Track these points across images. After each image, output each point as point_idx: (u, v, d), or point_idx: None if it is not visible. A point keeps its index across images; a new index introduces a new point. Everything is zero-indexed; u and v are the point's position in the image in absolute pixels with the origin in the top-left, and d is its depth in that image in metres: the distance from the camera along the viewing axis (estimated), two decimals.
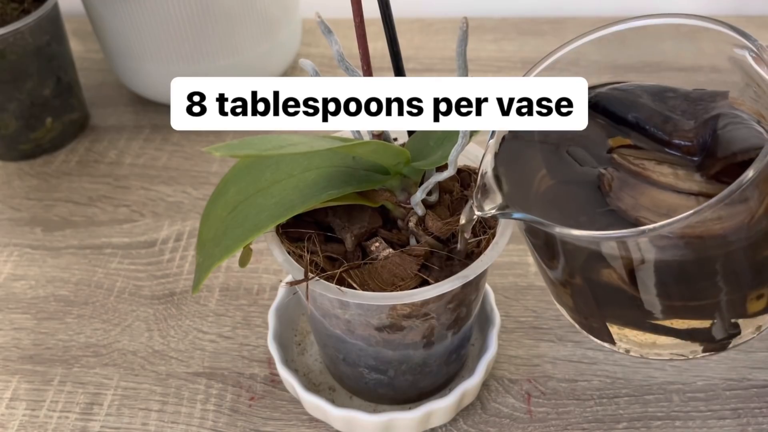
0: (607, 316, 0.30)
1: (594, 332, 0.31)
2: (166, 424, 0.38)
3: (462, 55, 0.25)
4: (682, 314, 0.29)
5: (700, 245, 0.26)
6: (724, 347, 0.30)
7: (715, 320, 0.29)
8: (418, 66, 0.64)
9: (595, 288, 0.29)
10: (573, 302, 0.31)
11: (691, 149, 0.28)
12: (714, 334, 0.29)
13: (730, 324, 0.29)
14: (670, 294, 0.28)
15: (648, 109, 0.30)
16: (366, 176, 0.30)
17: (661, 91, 0.30)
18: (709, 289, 0.28)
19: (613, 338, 0.30)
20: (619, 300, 0.29)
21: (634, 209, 0.27)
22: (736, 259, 0.27)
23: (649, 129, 0.29)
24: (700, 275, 0.27)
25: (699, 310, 0.29)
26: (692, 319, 0.29)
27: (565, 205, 0.28)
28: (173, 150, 0.56)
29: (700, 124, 0.28)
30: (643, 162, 0.28)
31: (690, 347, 0.30)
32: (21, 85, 0.52)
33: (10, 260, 0.47)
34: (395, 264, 0.30)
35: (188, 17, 0.52)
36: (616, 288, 0.28)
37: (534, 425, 0.37)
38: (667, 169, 0.28)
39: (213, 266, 0.28)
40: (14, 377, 0.40)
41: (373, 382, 0.35)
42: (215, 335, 0.42)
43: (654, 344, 0.30)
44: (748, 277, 0.28)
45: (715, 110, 0.29)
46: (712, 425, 0.36)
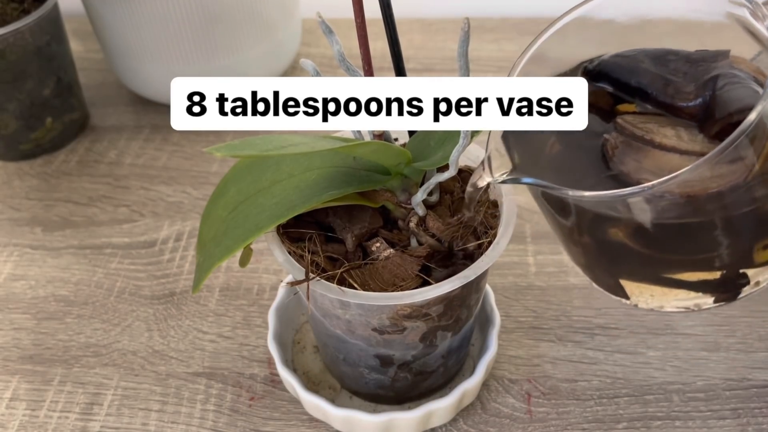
0: (619, 273, 0.31)
1: (608, 288, 0.32)
2: (166, 424, 0.38)
3: (464, 55, 0.25)
4: (689, 268, 0.30)
5: (700, 203, 0.27)
6: (734, 297, 0.30)
7: (724, 272, 0.29)
8: (418, 66, 0.64)
9: (605, 247, 0.30)
10: (586, 260, 0.32)
11: (692, 111, 0.29)
12: (723, 285, 0.30)
13: (739, 275, 0.30)
14: (675, 249, 0.29)
15: (650, 74, 0.30)
16: (367, 176, 0.30)
17: (663, 54, 0.30)
18: (714, 244, 0.29)
19: (627, 293, 0.31)
20: (628, 257, 0.30)
21: (637, 172, 0.27)
22: (737, 215, 0.28)
23: (651, 93, 0.30)
24: (703, 231, 0.28)
25: (706, 263, 0.29)
26: (700, 271, 0.30)
27: (572, 170, 0.29)
28: (173, 150, 0.56)
29: (700, 85, 0.29)
30: (647, 125, 0.29)
31: (701, 299, 0.30)
32: (21, 85, 0.52)
33: (10, 260, 0.47)
34: (396, 264, 0.30)
35: (188, 17, 0.52)
36: (623, 246, 0.29)
37: (534, 425, 0.37)
38: (671, 131, 0.28)
39: (213, 266, 0.28)
40: (14, 377, 0.40)
41: (373, 382, 0.35)
42: (215, 335, 0.42)
43: (666, 297, 0.31)
44: (752, 230, 0.29)
45: (715, 71, 0.29)
46: (712, 425, 0.36)
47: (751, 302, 0.42)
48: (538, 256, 0.45)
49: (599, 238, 0.30)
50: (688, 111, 0.29)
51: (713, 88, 0.29)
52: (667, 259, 0.30)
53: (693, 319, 0.41)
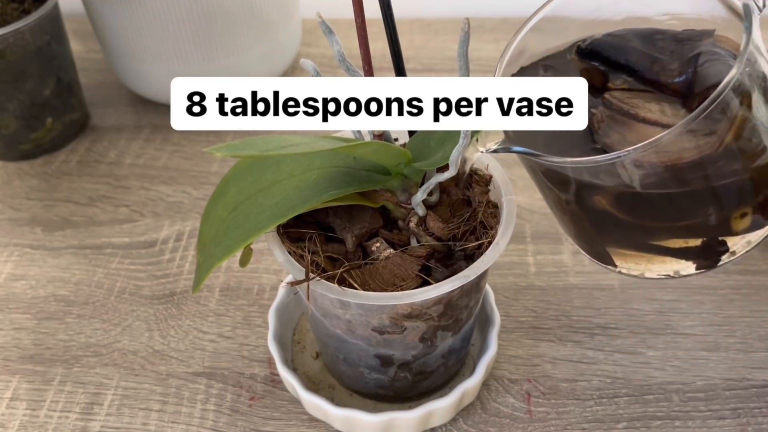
0: (605, 241, 0.32)
1: (596, 256, 0.33)
2: (166, 424, 0.38)
3: (464, 55, 0.25)
4: (671, 235, 0.31)
5: (677, 171, 0.28)
6: (714, 264, 0.32)
7: (704, 239, 0.31)
8: (418, 66, 0.64)
9: (591, 215, 0.31)
10: (575, 229, 0.33)
11: (676, 87, 0.30)
12: (704, 252, 0.32)
13: (718, 242, 0.31)
14: (656, 217, 0.31)
15: (637, 52, 0.32)
16: (367, 176, 0.30)
17: (651, 34, 0.32)
18: (692, 212, 0.30)
19: (613, 261, 0.32)
20: (612, 225, 0.31)
21: (620, 144, 0.29)
22: (713, 184, 0.29)
23: (639, 71, 0.31)
24: (682, 199, 0.30)
25: (686, 231, 0.31)
26: (681, 239, 0.31)
27: (561, 142, 0.30)
28: (173, 150, 0.56)
29: (684, 63, 0.30)
30: (633, 101, 0.30)
31: (683, 265, 0.32)
32: (21, 85, 0.52)
33: (10, 260, 0.47)
34: (396, 264, 0.30)
35: (188, 17, 0.52)
36: (608, 214, 0.30)
37: (534, 425, 0.37)
38: (655, 106, 0.30)
39: (213, 266, 0.28)
40: (14, 377, 0.40)
41: (373, 382, 0.35)
42: (215, 335, 0.42)
43: (649, 264, 0.32)
44: (728, 199, 0.30)
45: (698, 49, 0.31)
46: (711, 425, 0.36)
47: (751, 302, 0.42)
48: (538, 256, 0.46)
49: (585, 206, 0.31)
50: (673, 87, 0.30)
51: (695, 64, 0.30)
52: (649, 227, 0.31)
53: (693, 319, 0.41)
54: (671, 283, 0.43)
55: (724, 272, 0.44)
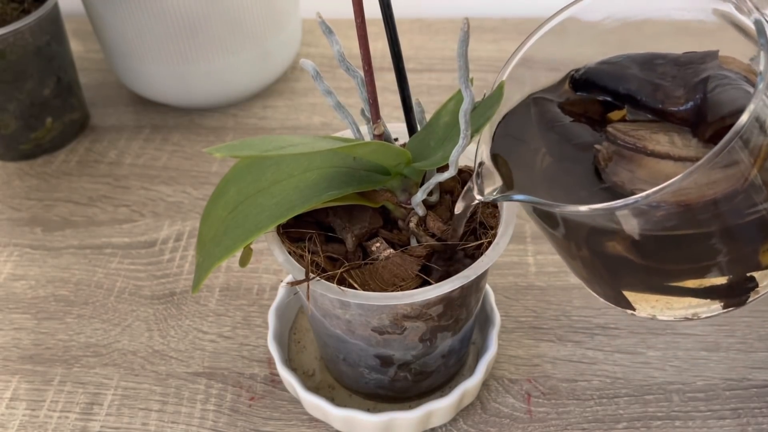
0: (621, 285, 0.30)
1: (612, 300, 0.31)
2: (166, 424, 0.38)
3: (463, 55, 0.25)
4: (694, 276, 0.29)
5: (698, 211, 0.26)
6: (743, 302, 0.29)
7: (730, 277, 0.29)
8: (418, 66, 0.64)
9: (604, 260, 0.29)
10: (587, 274, 0.31)
11: (684, 115, 0.28)
12: (731, 290, 0.29)
13: (746, 278, 0.29)
14: (677, 259, 0.28)
15: (637, 80, 0.29)
16: (367, 177, 0.30)
17: (650, 59, 0.30)
18: (716, 251, 0.28)
19: (631, 304, 0.30)
20: (628, 269, 0.29)
21: (631, 182, 0.27)
22: (739, 221, 0.27)
23: (641, 100, 0.29)
24: (703, 239, 0.27)
25: (710, 270, 0.28)
26: (706, 278, 0.29)
27: (565, 184, 0.28)
28: (173, 150, 0.56)
29: (690, 88, 0.28)
30: (639, 132, 0.28)
31: (710, 305, 0.30)
32: (21, 85, 0.52)
33: (10, 260, 0.47)
34: (396, 264, 0.30)
35: (188, 17, 0.52)
36: (623, 258, 0.28)
37: (534, 425, 0.37)
38: (663, 137, 0.28)
39: (213, 266, 0.28)
40: (14, 377, 0.40)
41: (373, 382, 0.35)
42: (215, 335, 0.42)
43: (672, 305, 0.30)
44: (755, 234, 0.28)
45: (704, 72, 0.28)
46: (712, 425, 0.36)
47: None
48: (538, 256, 0.45)
49: (598, 251, 0.29)
50: (680, 116, 0.28)
51: (704, 90, 0.28)
52: (670, 270, 0.29)
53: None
54: None
55: None
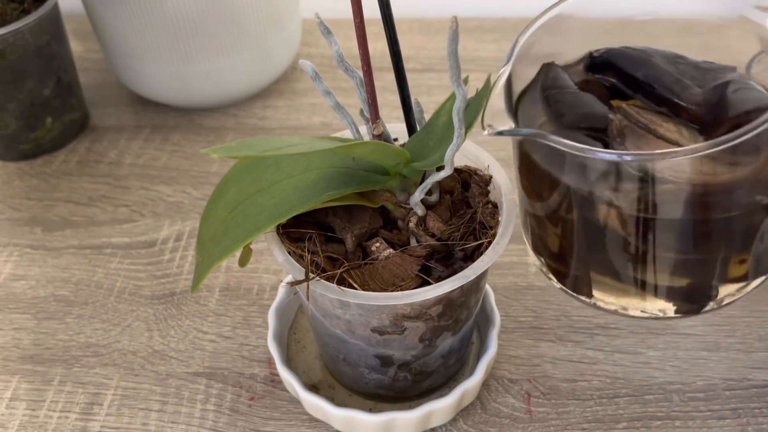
0: (593, 262, 0.31)
1: (573, 281, 0.32)
2: (166, 424, 0.38)
3: (453, 54, 0.25)
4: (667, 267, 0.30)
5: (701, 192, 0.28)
6: (698, 311, 0.31)
7: (697, 279, 0.30)
8: (417, 66, 0.64)
9: (590, 227, 0.30)
10: (560, 245, 0.32)
11: (697, 113, 0.29)
12: (692, 295, 0.31)
13: (710, 286, 0.31)
14: (662, 241, 0.29)
15: (660, 69, 0.30)
16: (366, 177, 0.30)
17: (672, 57, 0.31)
18: (700, 243, 0.29)
19: (591, 290, 0.31)
20: (607, 241, 0.30)
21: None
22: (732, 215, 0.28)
23: (657, 88, 0.30)
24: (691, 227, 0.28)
25: (684, 265, 0.30)
26: (676, 275, 0.30)
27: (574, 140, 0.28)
28: (173, 150, 0.56)
29: (710, 90, 0.29)
30: (649, 116, 0.29)
31: (664, 305, 0.31)
32: (21, 85, 0.52)
33: (10, 260, 0.47)
34: (396, 264, 0.30)
35: (188, 17, 0.52)
36: (610, 229, 0.29)
37: (534, 425, 0.37)
38: (673, 126, 0.29)
39: (213, 266, 0.28)
40: (14, 377, 0.40)
41: (373, 382, 0.35)
42: (215, 335, 0.42)
43: (628, 297, 0.31)
44: (738, 237, 0.29)
45: (726, 78, 0.29)
46: (712, 425, 0.36)
47: (751, 302, 0.42)
48: None
49: (588, 214, 0.29)
50: (693, 113, 0.29)
51: (724, 91, 0.29)
52: (647, 254, 0.29)
53: (693, 319, 0.41)
54: None
55: None
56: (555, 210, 0.31)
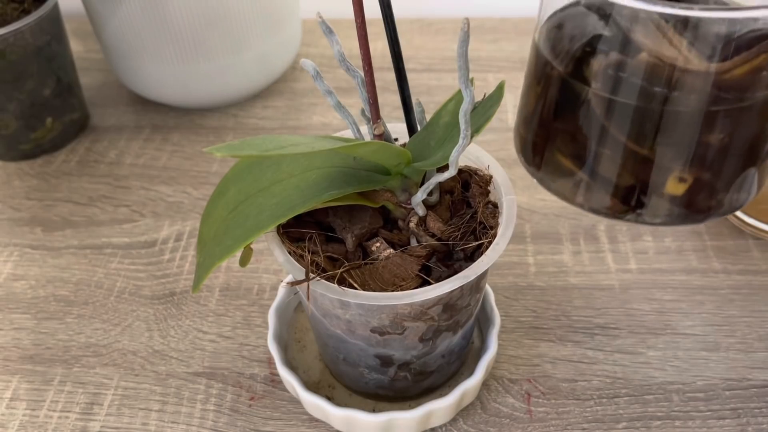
0: (556, 132, 0.32)
1: (531, 148, 0.33)
2: (166, 424, 0.38)
3: (463, 55, 0.25)
4: (618, 156, 0.31)
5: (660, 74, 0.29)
6: (623, 214, 0.33)
7: (635, 178, 0.32)
8: (418, 66, 0.64)
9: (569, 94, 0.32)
10: (534, 108, 0.33)
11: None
12: (626, 194, 0.32)
13: (644, 192, 0.32)
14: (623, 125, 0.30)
15: None
16: (367, 177, 0.30)
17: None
18: (651, 137, 0.30)
19: (542, 161, 0.33)
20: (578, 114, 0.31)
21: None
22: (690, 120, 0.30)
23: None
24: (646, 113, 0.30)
25: (632, 159, 0.31)
26: (621, 169, 0.32)
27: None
28: (173, 150, 0.56)
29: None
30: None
31: (598, 199, 0.33)
32: (21, 85, 0.52)
33: (10, 260, 0.47)
34: (396, 264, 0.30)
35: (188, 17, 0.52)
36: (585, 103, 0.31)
37: (534, 425, 0.37)
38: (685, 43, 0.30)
39: (213, 266, 0.28)
40: (14, 377, 0.40)
41: (373, 382, 0.35)
42: (215, 335, 0.42)
43: (573, 186, 0.33)
44: (684, 146, 0.30)
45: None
46: (712, 425, 0.36)
47: (751, 302, 0.42)
48: (538, 256, 0.46)
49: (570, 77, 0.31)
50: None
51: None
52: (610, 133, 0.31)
53: (693, 319, 0.41)
54: (671, 283, 0.43)
55: (724, 272, 0.44)
56: (540, 76, 0.33)
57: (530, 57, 0.35)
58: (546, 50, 0.33)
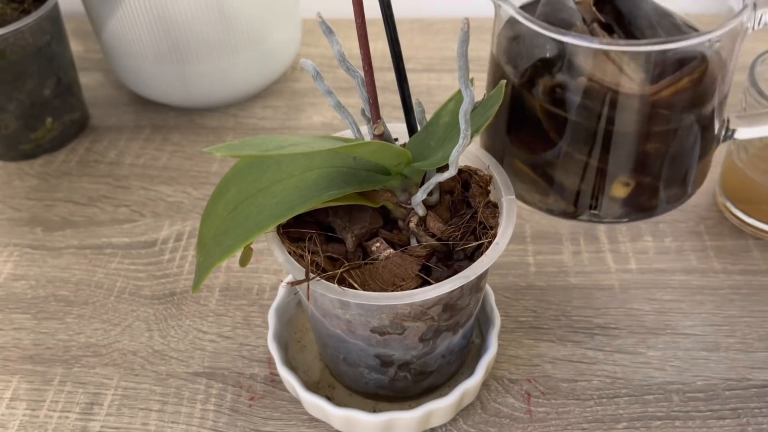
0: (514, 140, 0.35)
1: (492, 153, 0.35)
2: (166, 424, 0.38)
3: (463, 55, 0.25)
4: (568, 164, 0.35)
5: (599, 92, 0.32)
6: (575, 215, 0.36)
7: (586, 183, 0.35)
8: (418, 66, 0.64)
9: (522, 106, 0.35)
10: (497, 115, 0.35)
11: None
12: (576, 198, 0.36)
13: (593, 195, 0.35)
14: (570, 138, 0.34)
15: (643, 13, 0.35)
16: (367, 176, 0.30)
17: (662, 11, 0.36)
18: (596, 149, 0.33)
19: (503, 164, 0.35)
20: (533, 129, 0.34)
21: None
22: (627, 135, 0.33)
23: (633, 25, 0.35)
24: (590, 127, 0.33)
25: (580, 167, 0.34)
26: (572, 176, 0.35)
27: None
28: (173, 150, 0.56)
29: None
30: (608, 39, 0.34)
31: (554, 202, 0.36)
32: (21, 85, 0.52)
33: (10, 260, 0.47)
34: (396, 264, 0.30)
35: (188, 17, 0.52)
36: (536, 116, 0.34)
37: (534, 425, 0.37)
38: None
39: (213, 266, 0.28)
40: (14, 377, 0.40)
41: (373, 382, 0.35)
42: (215, 335, 0.42)
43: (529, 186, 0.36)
44: (623, 155, 0.34)
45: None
46: (712, 425, 0.36)
47: (751, 302, 0.42)
48: (538, 256, 0.46)
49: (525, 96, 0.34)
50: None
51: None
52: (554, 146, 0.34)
53: (693, 319, 0.41)
54: (671, 283, 0.43)
55: (724, 272, 0.44)
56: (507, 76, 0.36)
57: (489, 65, 0.37)
58: (501, 62, 0.36)
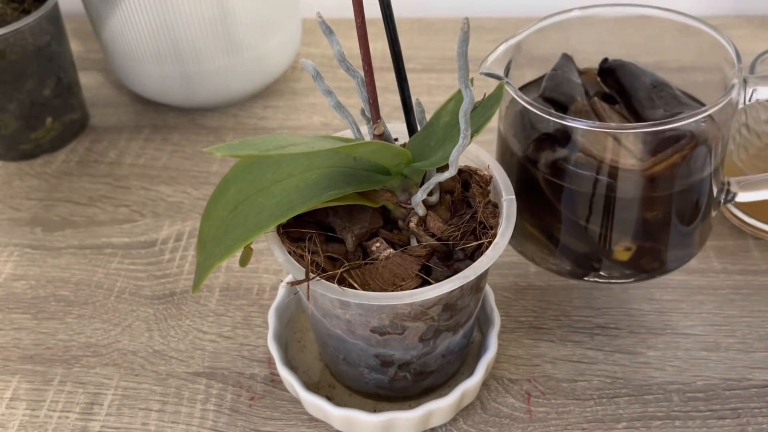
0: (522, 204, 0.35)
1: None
2: (166, 424, 0.38)
3: (463, 55, 0.25)
4: (572, 230, 0.37)
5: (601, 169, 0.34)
6: (581, 276, 0.38)
7: (589, 248, 0.37)
8: (418, 66, 0.64)
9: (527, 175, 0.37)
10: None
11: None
12: (580, 260, 0.38)
13: (596, 258, 0.37)
14: (572, 207, 0.36)
15: (642, 85, 0.37)
16: (367, 176, 0.30)
17: (659, 82, 0.38)
18: (596, 217, 0.35)
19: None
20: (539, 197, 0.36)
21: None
22: (626, 205, 0.35)
23: (633, 97, 0.37)
24: (593, 199, 0.35)
25: (583, 231, 0.36)
26: (577, 238, 0.37)
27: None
28: (173, 150, 0.56)
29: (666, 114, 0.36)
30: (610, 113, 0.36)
31: (560, 263, 0.38)
32: (21, 85, 0.52)
33: (10, 260, 0.47)
34: (396, 264, 0.30)
35: (188, 17, 0.52)
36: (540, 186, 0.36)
37: (534, 425, 0.37)
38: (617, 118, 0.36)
39: (214, 266, 0.28)
40: (14, 377, 0.40)
41: (373, 382, 0.35)
42: (215, 335, 0.42)
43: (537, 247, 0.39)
44: (624, 223, 0.35)
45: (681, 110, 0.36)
46: (711, 425, 0.36)
47: (751, 302, 0.42)
48: None
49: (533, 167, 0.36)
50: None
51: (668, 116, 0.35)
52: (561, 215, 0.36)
53: (693, 319, 0.41)
54: (671, 283, 0.43)
55: (724, 272, 0.44)
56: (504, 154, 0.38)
57: (497, 137, 0.39)
58: (508, 135, 0.38)
